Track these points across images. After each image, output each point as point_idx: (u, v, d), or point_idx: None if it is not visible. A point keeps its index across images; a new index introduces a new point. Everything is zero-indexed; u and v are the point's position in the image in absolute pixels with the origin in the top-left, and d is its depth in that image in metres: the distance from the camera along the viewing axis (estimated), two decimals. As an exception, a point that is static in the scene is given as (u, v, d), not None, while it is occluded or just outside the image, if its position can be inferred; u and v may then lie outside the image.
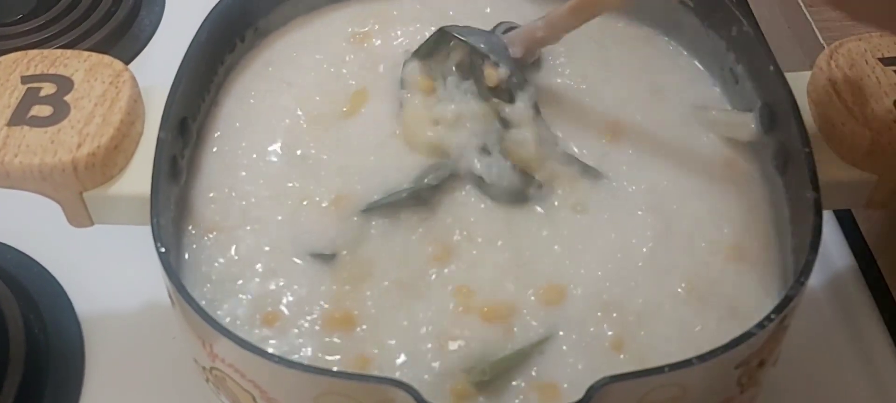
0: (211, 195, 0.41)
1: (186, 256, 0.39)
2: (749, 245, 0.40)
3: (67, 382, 0.47)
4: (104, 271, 0.51)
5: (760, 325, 0.33)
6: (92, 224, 0.41)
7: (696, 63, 0.46)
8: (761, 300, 0.38)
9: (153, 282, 0.40)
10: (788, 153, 0.40)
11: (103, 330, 0.49)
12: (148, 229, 0.36)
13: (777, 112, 0.41)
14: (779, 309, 0.34)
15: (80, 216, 0.40)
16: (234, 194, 0.41)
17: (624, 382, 0.32)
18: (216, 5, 0.43)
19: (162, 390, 0.46)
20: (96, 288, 0.50)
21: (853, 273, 0.50)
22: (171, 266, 0.35)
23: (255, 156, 0.42)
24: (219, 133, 0.43)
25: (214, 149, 0.42)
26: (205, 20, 0.42)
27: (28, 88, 0.40)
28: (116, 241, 0.48)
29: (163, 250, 0.35)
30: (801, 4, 0.54)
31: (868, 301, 0.49)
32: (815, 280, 0.50)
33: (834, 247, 0.51)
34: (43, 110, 0.39)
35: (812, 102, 0.42)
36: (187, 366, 0.39)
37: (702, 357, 0.32)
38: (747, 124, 0.41)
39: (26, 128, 0.39)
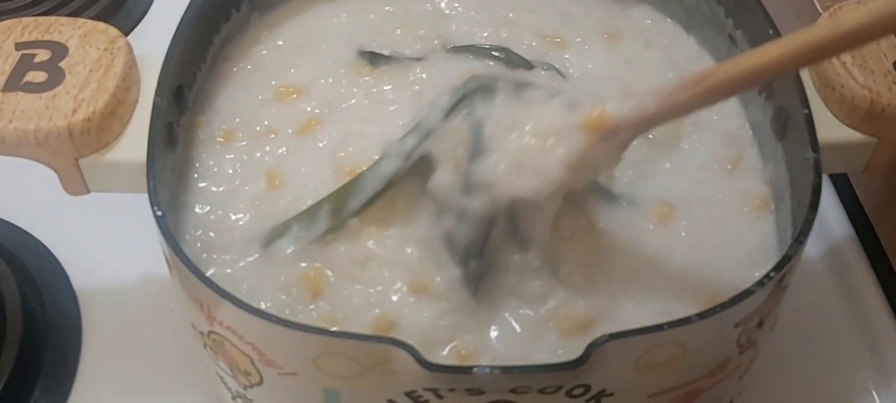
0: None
1: (183, 227, 0.39)
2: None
3: (65, 356, 0.46)
4: (101, 245, 0.51)
5: (760, 283, 0.33)
6: (88, 192, 0.41)
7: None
8: None
9: (150, 256, 0.40)
10: (788, 116, 0.40)
11: (100, 304, 0.49)
12: (143, 204, 0.36)
13: (776, 75, 0.40)
14: (778, 267, 0.33)
15: (77, 183, 0.40)
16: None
17: (622, 340, 0.31)
18: (210, -24, 0.43)
19: (159, 363, 0.46)
20: (93, 262, 0.50)
21: (851, 241, 0.50)
22: (169, 229, 0.35)
23: None
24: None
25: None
26: (199, -9, 0.42)
27: (22, 55, 0.40)
28: (113, 216, 0.48)
29: (159, 213, 0.35)
30: (799, -28, 0.53)
31: (866, 268, 0.49)
32: (813, 249, 0.50)
33: (832, 216, 0.51)
34: (37, 76, 0.39)
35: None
36: (184, 339, 0.39)
37: (702, 315, 0.32)
38: None
39: (21, 93, 0.39)
